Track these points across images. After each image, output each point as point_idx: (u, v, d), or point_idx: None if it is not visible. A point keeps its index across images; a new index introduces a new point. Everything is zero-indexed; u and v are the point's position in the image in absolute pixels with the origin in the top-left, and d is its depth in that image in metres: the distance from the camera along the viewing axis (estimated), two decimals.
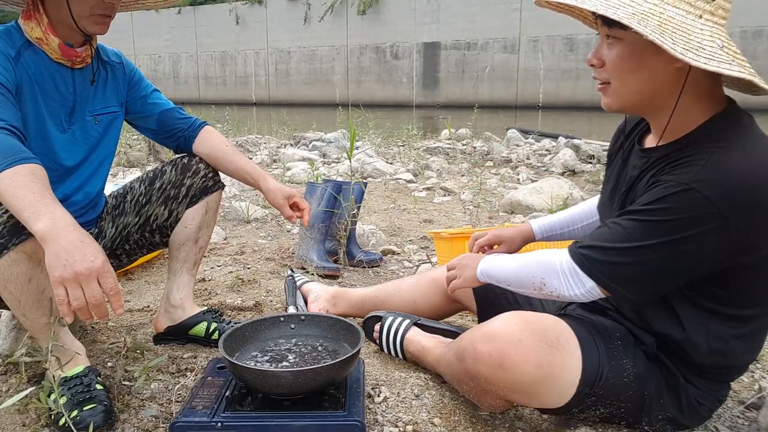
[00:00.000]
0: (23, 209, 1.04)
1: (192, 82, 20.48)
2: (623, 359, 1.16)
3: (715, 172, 0.97)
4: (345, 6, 17.22)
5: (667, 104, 1.07)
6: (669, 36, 0.96)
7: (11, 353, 1.50)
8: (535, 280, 1.17)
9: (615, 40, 1.05)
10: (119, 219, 1.62)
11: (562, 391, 1.13)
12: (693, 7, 0.99)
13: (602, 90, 1.12)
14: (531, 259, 1.21)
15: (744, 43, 12.79)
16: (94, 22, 1.36)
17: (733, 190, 0.96)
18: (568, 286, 1.12)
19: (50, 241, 1.01)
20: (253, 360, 1.32)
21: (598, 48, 1.09)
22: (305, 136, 7.09)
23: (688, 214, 0.98)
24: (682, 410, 1.17)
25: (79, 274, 0.99)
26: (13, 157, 1.10)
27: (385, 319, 1.61)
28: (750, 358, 1.17)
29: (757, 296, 1.09)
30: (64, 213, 1.06)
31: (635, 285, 1.07)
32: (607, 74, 1.09)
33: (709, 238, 0.99)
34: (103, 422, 1.21)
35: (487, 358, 1.11)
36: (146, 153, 5.20)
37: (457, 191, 4.15)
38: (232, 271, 2.35)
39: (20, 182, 1.07)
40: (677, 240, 1.00)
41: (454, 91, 15.86)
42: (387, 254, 2.62)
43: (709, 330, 1.10)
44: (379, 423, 1.27)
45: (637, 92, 1.08)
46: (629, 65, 1.05)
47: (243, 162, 1.61)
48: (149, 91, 1.63)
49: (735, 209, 0.97)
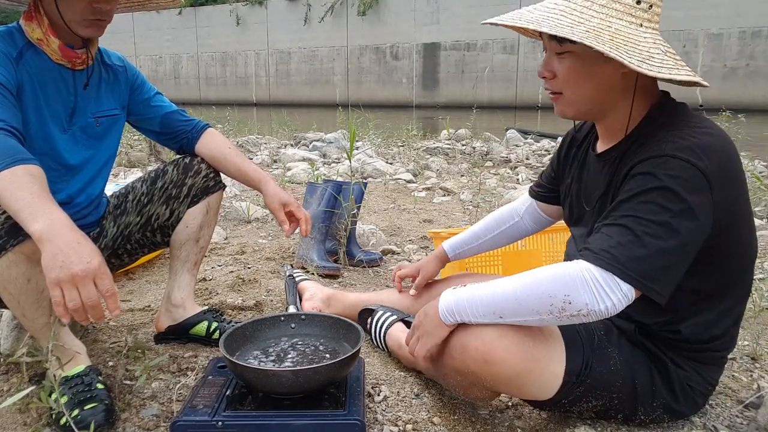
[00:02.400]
0: (20, 210, 1.04)
1: (193, 83, 20.48)
2: (608, 348, 1.17)
3: (681, 145, 1.02)
4: (345, 7, 17.23)
5: (615, 107, 1.15)
6: (623, 50, 1.01)
7: (12, 353, 1.50)
8: (554, 299, 1.00)
9: (566, 53, 1.10)
10: (121, 218, 1.62)
11: (549, 383, 1.13)
12: (633, 17, 1.06)
13: (555, 99, 1.17)
14: (536, 277, 1.04)
15: (742, 43, 12.79)
16: (85, 26, 1.34)
17: (702, 158, 1.00)
18: (600, 296, 0.98)
19: (47, 243, 1.00)
20: (254, 359, 1.32)
21: (547, 61, 1.14)
22: (305, 137, 7.09)
23: (681, 178, 1.00)
24: (675, 396, 1.18)
25: (75, 276, 0.98)
26: (11, 157, 1.10)
27: (375, 313, 1.64)
28: (732, 333, 1.19)
29: (731, 269, 1.12)
30: (61, 214, 1.05)
31: (665, 276, 1.01)
32: (559, 85, 1.14)
33: (704, 206, 1.01)
34: (104, 421, 1.22)
35: (473, 352, 1.11)
36: (147, 153, 5.20)
37: (457, 191, 4.16)
38: (232, 270, 2.36)
39: (18, 183, 1.06)
40: (685, 211, 0.99)
41: (453, 92, 15.86)
42: (387, 254, 2.62)
43: (688, 309, 1.14)
44: (379, 422, 1.28)
45: (589, 99, 1.14)
46: (581, 75, 1.11)
47: (245, 164, 1.62)
48: (152, 95, 1.63)
49: (713, 173, 1.00)
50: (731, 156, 1.05)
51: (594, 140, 1.29)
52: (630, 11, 1.06)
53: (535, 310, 1.03)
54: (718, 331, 1.16)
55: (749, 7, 12.47)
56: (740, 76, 12.95)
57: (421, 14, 16.13)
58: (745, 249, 1.15)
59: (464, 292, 1.13)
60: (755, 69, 12.75)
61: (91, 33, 1.37)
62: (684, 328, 1.15)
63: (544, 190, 1.53)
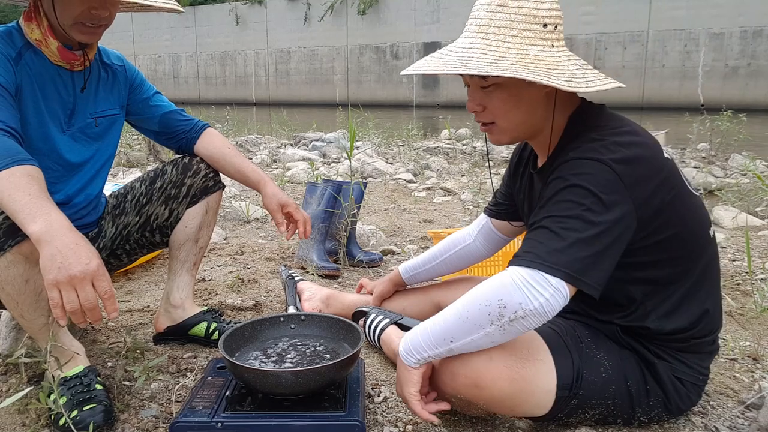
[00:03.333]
0: (19, 211, 1.03)
1: (192, 82, 20.48)
2: (597, 355, 1.17)
3: (586, 147, 1.07)
4: (345, 6, 17.23)
5: (543, 125, 1.20)
6: (549, 73, 1.04)
7: (11, 353, 1.50)
8: (490, 307, 1.00)
9: (492, 86, 1.13)
10: (120, 218, 1.62)
11: (541, 400, 1.14)
12: (544, 40, 1.10)
13: (488, 130, 1.21)
14: (471, 295, 1.05)
15: (744, 43, 12.79)
16: (79, 32, 1.31)
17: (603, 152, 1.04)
18: (532, 294, 0.98)
19: (45, 244, 1.00)
20: (254, 360, 1.32)
21: (473, 96, 1.17)
22: (305, 136, 7.09)
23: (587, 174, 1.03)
24: (667, 391, 1.19)
25: (74, 277, 0.98)
26: (9, 158, 1.10)
27: (368, 315, 1.64)
28: (706, 318, 1.19)
29: (680, 256, 1.14)
30: (59, 215, 1.05)
31: (592, 267, 1.01)
32: (490, 116, 1.18)
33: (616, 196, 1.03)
34: (103, 422, 1.21)
35: (462, 378, 1.12)
36: (146, 153, 5.19)
37: (457, 191, 4.16)
38: (232, 271, 2.35)
39: (16, 184, 1.06)
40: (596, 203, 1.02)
41: (454, 91, 15.85)
42: (387, 254, 2.62)
43: (648, 301, 1.16)
44: (379, 423, 1.27)
45: (521, 123, 1.18)
46: (510, 104, 1.15)
47: (244, 164, 1.61)
48: (151, 94, 1.62)
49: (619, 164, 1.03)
50: (643, 148, 1.08)
51: (534, 158, 1.33)
52: (540, 35, 1.09)
53: (477, 324, 1.03)
54: (685, 319, 1.17)
55: (751, 7, 12.47)
56: (741, 75, 12.94)
57: (421, 13, 16.13)
58: (691, 232, 1.15)
59: (418, 329, 1.12)
60: (757, 68, 12.75)
61: (86, 39, 1.34)
62: (651, 322, 1.17)
63: (499, 207, 1.55)
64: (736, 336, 1.73)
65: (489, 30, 1.09)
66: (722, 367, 1.54)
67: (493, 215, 1.57)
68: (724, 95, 12.43)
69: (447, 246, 1.64)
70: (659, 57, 13.63)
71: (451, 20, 15.64)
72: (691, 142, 6.15)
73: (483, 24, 1.10)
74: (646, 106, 13.33)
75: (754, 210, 3.56)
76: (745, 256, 2.49)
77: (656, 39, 13.74)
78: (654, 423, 1.24)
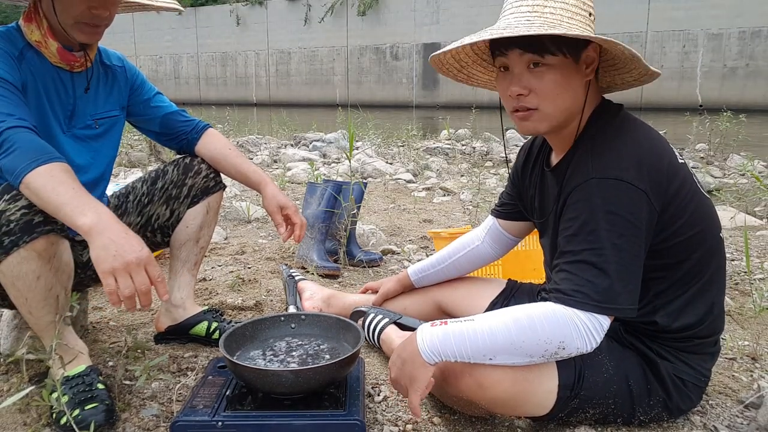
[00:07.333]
0: (64, 204, 1.07)
1: (193, 83, 20.49)
2: (598, 354, 1.17)
3: (607, 164, 1.07)
4: (345, 7, 17.24)
5: (576, 116, 1.17)
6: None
7: (12, 353, 1.50)
8: (549, 345, 1.04)
9: (544, 67, 1.09)
10: (121, 219, 1.61)
11: (543, 400, 1.15)
12: (590, 28, 1.13)
13: (526, 117, 1.14)
14: (528, 325, 1.04)
15: (742, 43, 12.80)
16: (80, 31, 1.32)
17: (629, 169, 1.05)
18: (588, 339, 1.04)
19: (97, 235, 1.04)
20: (254, 359, 1.32)
21: (518, 79, 1.12)
22: (305, 137, 7.09)
23: (615, 197, 1.05)
24: (669, 391, 1.19)
25: (130, 264, 1.03)
26: (47, 155, 1.13)
27: (367, 315, 1.64)
28: (710, 319, 1.20)
29: (690, 256, 1.15)
30: (105, 208, 1.10)
31: (631, 291, 1.06)
32: (536, 101, 1.12)
33: (644, 213, 1.06)
34: (105, 421, 1.22)
35: (466, 378, 1.13)
36: (147, 153, 5.20)
37: (457, 191, 4.16)
38: (232, 270, 2.36)
39: (59, 178, 1.10)
40: (629, 227, 1.05)
41: (453, 92, 15.86)
42: (387, 254, 2.62)
43: (658, 298, 1.17)
44: (378, 422, 1.28)
45: (565, 110, 1.14)
46: (561, 87, 1.11)
47: (245, 165, 1.62)
48: (152, 95, 1.63)
49: (644, 180, 1.05)
50: (660, 156, 1.10)
51: (547, 154, 1.32)
52: (587, 22, 1.12)
53: (528, 354, 1.06)
54: (693, 316, 1.18)
55: (749, 8, 12.48)
56: (740, 76, 12.95)
57: (421, 14, 16.14)
58: (708, 232, 1.17)
59: (452, 331, 1.09)
60: (755, 69, 12.76)
61: (86, 39, 1.35)
62: (659, 318, 1.18)
63: (506, 207, 1.54)
64: (734, 335, 1.73)
65: (545, 10, 1.08)
66: (721, 366, 1.54)
67: (498, 216, 1.57)
68: (723, 96, 12.44)
69: (456, 248, 1.63)
70: (658, 57, 13.64)
71: (451, 21, 15.64)
72: (690, 143, 6.17)
73: (538, 4, 1.09)
74: (645, 106, 13.33)
75: (752, 210, 3.57)
76: (743, 255, 2.50)
77: (655, 40, 13.75)
78: (653, 422, 1.25)
